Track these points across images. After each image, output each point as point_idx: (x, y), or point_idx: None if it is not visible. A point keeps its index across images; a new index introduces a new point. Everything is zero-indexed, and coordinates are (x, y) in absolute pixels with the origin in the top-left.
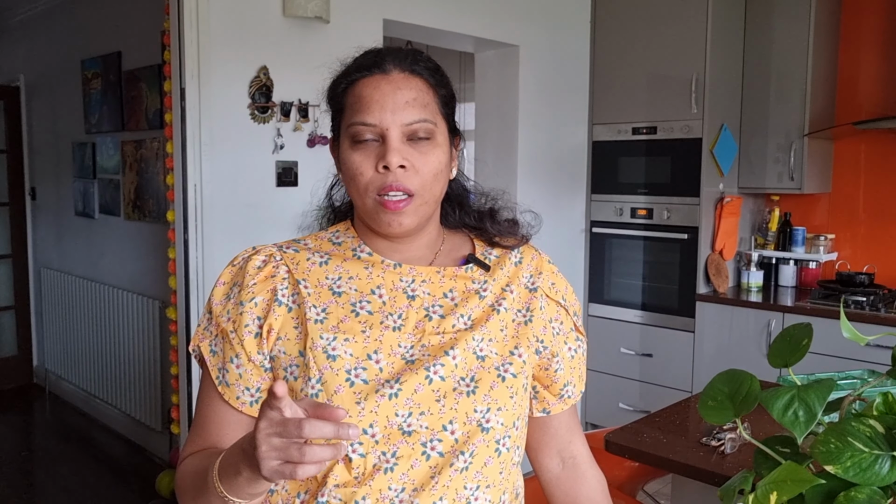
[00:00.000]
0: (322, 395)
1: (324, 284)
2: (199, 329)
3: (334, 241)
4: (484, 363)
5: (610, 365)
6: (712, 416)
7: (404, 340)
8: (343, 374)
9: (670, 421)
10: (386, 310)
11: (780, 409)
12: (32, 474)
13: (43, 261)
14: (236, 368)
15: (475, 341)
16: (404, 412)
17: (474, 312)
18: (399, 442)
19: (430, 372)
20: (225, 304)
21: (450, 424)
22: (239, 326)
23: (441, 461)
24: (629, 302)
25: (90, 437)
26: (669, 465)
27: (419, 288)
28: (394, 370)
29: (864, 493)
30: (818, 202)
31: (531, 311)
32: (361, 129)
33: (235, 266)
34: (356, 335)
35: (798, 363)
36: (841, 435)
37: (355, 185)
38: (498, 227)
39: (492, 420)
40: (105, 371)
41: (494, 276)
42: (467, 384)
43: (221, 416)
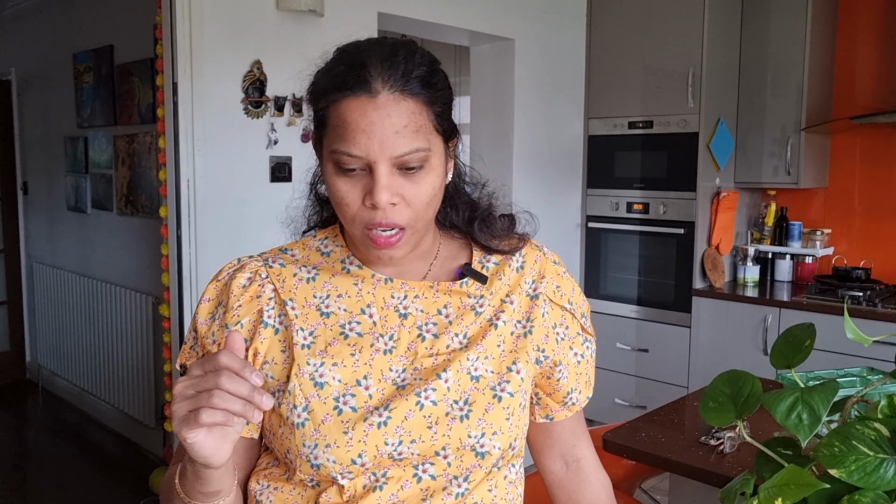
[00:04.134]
0: (309, 425)
1: (311, 304)
2: (186, 347)
3: (323, 251)
4: (478, 384)
5: (606, 360)
6: (714, 418)
7: (396, 364)
8: (331, 402)
9: (668, 419)
10: (377, 331)
11: (784, 412)
12: (25, 470)
13: (35, 256)
14: None
15: (469, 361)
16: (394, 440)
17: (470, 330)
18: (390, 465)
19: (420, 397)
20: (210, 324)
21: (442, 450)
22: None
23: (433, 484)
24: (625, 297)
25: (83, 434)
26: (668, 465)
27: (411, 305)
28: (383, 396)
29: (869, 497)
30: (814, 197)
31: (531, 320)
32: (346, 158)
33: (220, 282)
34: (345, 359)
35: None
36: (845, 438)
37: (340, 211)
38: (492, 231)
39: (486, 445)
40: (98, 367)
41: (492, 287)
42: (460, 408)
43: None
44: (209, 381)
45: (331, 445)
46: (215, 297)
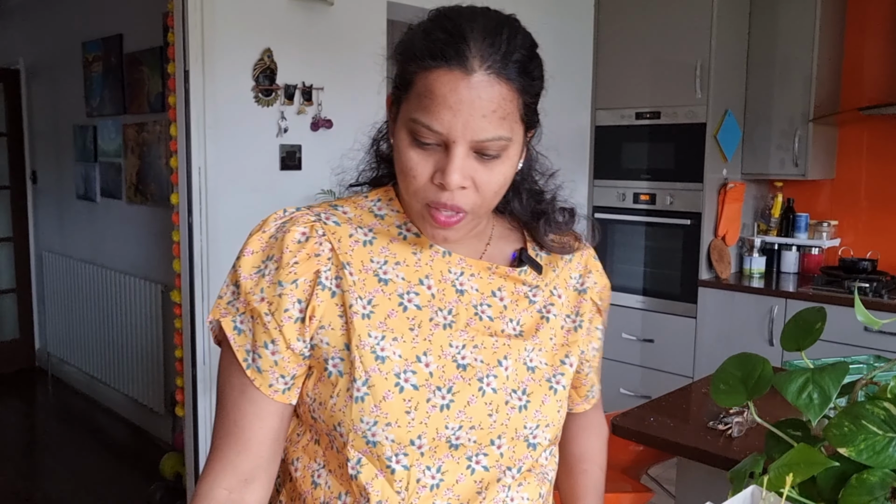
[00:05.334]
0: (369, 400)
1: (369, 269)
2: (222, 302)
3: (376, 213)
4: (534, 374)
5: (611, 350)
6: (724, 400)
7: (456, 339)
8: (392, 377)
9: (676, 405)
10: (435, 304)
11: (795, 392)
12: (36, 457)
13: (44, 244)
14: (271, 355)
15: (526, 351)
16: (455, 425)
17: (523, 318)
18: (445, 456)
19: (482, 383)
20: (258, 280)
21: (498, 440)
22: (277, 310)
23: (486, 476)
24: (631, 287)
25: (93, 421)
26: (676, 449)
27: (467, 282)
28: (444, 374)
29: (877, 476)
30: (821, 188)
31: (580, 315)
32: (424, 131)
33: (266, 233)
34: (404, 334)
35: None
36: (855, 418)
37: (405, 182)
38: (554, 229)
39: (539, 436)
40: (108, 354)
41: (546, 278)
42: (519, 397)
43: (258, 407)
44: None
45: (391, 424)
46: (262, 249)
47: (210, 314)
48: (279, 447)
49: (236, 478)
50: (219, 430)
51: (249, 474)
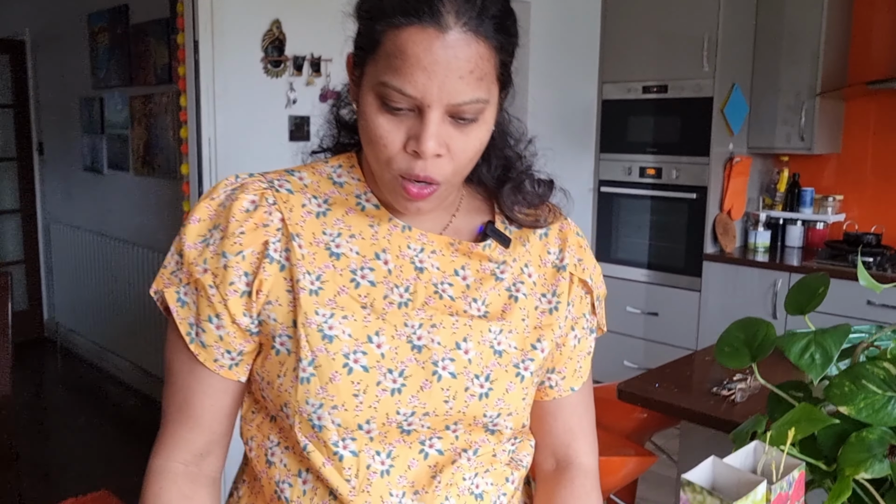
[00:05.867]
0: (315, 381)
1: (320, 242)
2: (165, 271)
3: (335, 181)
4: (501, 359)
5: (615, 323)
6: (729, 361)
7: (412, 318)
8: (340, 358)
9: (680, 372)
10: (391, 280)
11: (798, 353)
12: (47, 425)
13: (52, 216)
14: (216, 330)
15: (492, 333)
16: (406, 411)
17: (490, 297)
18: (396, 441)
19: (438, 367)
20: (202, 250)
21: (454, 425)
22: (221, 283)
23: (441, 459)
24: (636, 261)
25: (102, 390)
26: (680, 413)
27: (427, 260)
28: (397, 356)
29: (876, 434)
30: (827, 163)
31: (557, 295)
32: (395, 95)
33: (215, 201)
34: (355, 312)
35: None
36: (855, 378)
37: (374, 151)
38: (522, 199)
39: (500, 424)
40: (116, 324)
41: (515, 253)
42: (481, 384)
43: (206, 384)
44: None
45: (338, 407)
46: (208, 218)
47: (154, 284)
48: (231, 422)
49: (190, 453)
50: (169, 406)
51: (204, 449)
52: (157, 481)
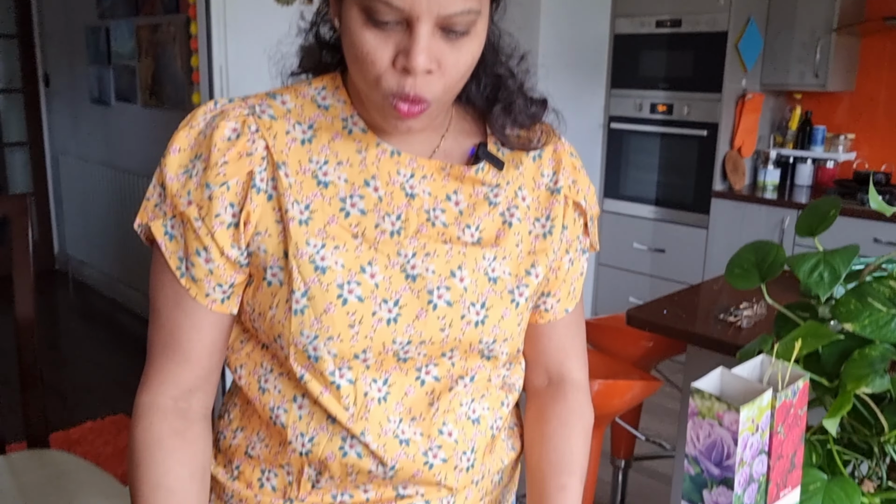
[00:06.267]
0: (309, 313)
1: (307, 170)
2: (149, 204)
3: (320, 104)
4: (496, 286)
5: (622, 260)
6: (739, 283)
7: (405, 247)
8: (334, 289)
9: (688, 300)
10: (382, 209)
11: (807, 272)
12: (61, 352)
13: (59, 148)
14: (205, 263)
15: (486, 260)
16: (403, 340)
17: (483, 223)
18: (392, 368)
19: (433, 296)
20: (184, 182)
21: (450, 352)
22: (207, 215)
23: (438, 386)
24: (644, 198)
25: (115, 320)
26: (687, 337)
27: (418, 185)
28: (391, 286)
29: (878, 350)
30: (840, 101)
31: (552, 219)
32: (382, 8)
33: (194, 129)
34: (347, 242)
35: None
36: (861, 296)
37: (361, 70)
38: (513, 120)
39: (496, 350)
40: (127, 255)
41: (508, 176)
42: (477, 311)
43: (195, 319)
44: None
45: (333, 338)
46: (189, 147)
47: (137, 217)
48: (221, 357)
49: (179, 389)
50: (155, 342)
51: (193, 385)
52: (146, 416)
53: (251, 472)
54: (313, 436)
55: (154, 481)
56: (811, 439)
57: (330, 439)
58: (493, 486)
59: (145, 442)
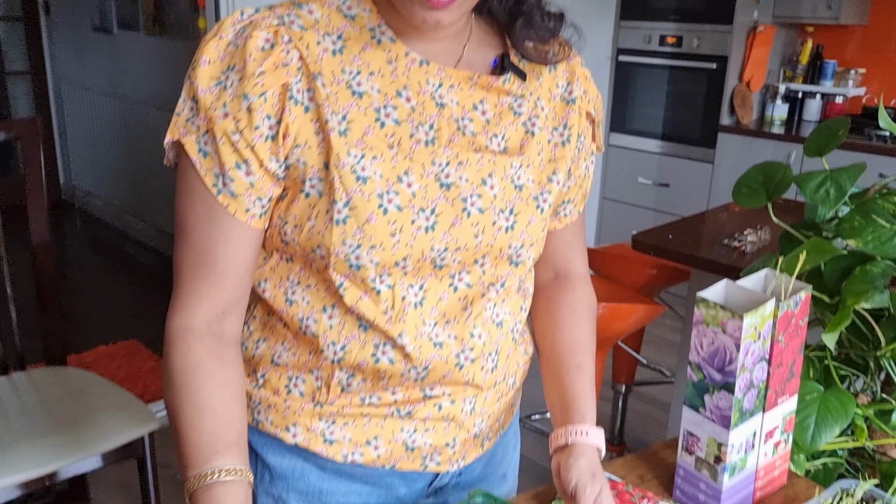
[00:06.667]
0: (351, 222)
1: (341, 81)
2: (180, 119)
3: (346, 13)
4: (521, 193)
5: (626, 194)
6: (746, 201)
7: (439, 157)
8: (374, 199)
9: (693, 226)
10: (415, 118)
11: (813, 188)
12: (71, 281)
13: (62, 77)
14: (245, 177)
15: (513, 168)
16: (440, 247)
17: (508, 132)
18: (428, 275)
19: (466, 204)
20: (219, 94)
21: (482, 259)
22: (246, 127)
23: (470, 292)
24: (650, 132)
25: (123, 251)
26: (692, 261)
27: (447, 95)
28: (427, 195)
29: (879, 267)
30: (852, 35)
31: (569, 128)
32: None
33: (224, 40)
34: (383, 152)
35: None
36: (865, 212)
37: None
38: (534, 35)
39: (523, 255)
40: (134, 186)
41: (531, 87)
42: (506, 217)
43: (230, 235)
44: None
45: (376, 247)
46: (220, 59)
47: (168, 134)
48: (251, 278)
49: (213, 311)
50: (186, 263)
51: (226, 307)
52: (183, 340)
53: (277, 379)
54: (345, 344)
55: (198, 405)
56: (809, 355)
57: (362, 346)
58: (508, 389)
59: (185, 366)
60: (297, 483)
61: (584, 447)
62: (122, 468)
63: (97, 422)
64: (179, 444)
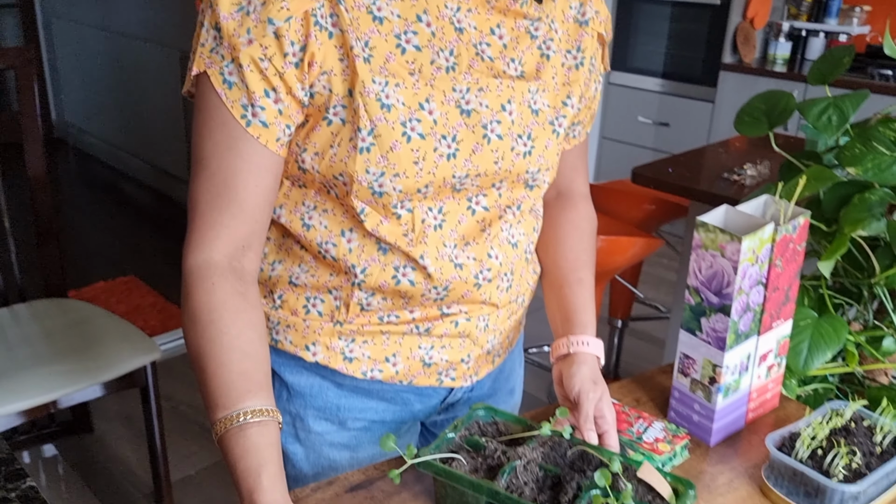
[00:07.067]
0: (375, 150)
1: (361, 6)
2: (204, 50)
3: None
4: (538, 118)
5: (626, 133)
6: (747, 130)
7: (459, 83)
8: (398, 127)
9: (693, 161)
10: (435, 44)
11: (816, 115)
12: (66, 217)
13: (51, 10)
14: (274, 104)
15: (531, 93)
16: (461, 174)
17: (525, 56)
18: (446, 198)
19: (487, 130)
20: (242, 20)
21: (499, 183)
22: (275, 54)
23: (487, 215)
24: (651, 70)
25: (118, 189)
26: (691, 194)
27: (465, 19)
28: (448, 122)
29: (878, 195)
30: None
31: (582, 51)
32: None
33: None
34: (405, 79)
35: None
36: (866, 140)
37: None
38: None
39: (539, 179)
40: (128, 123)
41: (547, 9)
42: (524, 143)
43: (251, 164)
44: None
45: (399, 175)
46: None
47: (194, 66)
48: (270, 212)
49: (233, 245)
50: (204, 195)
51: (246, 241)
52: (206, 277)
53: (295, 300)
54: (365, 267)
55: (227, 344)
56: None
57: (383, 269)
58: (518, 307)
59: (211, 304)
60: (315, 400)
61: (585, 356)
62: (124, 400)
63: (99, 351)
64: (206, 385)
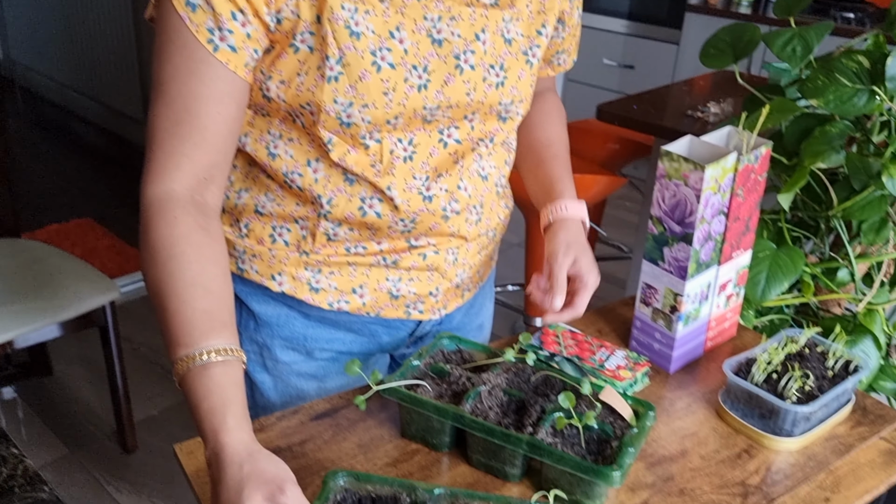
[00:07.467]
0: (343, 80)
1: None
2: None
3: None
4: (511, 47)
5: (589, 75)
6: (713, 62)
7: (431, 10)
8: (368, 56)
9: (658, 98)
10: None
11: (780, 45)
12: (16, 162)
13: None
14: (242, 27)
15: (504, 22)
16: (432, 105)
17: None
18: (417, 129)
19: (459, 61)
20: None
21: (471, 115)
22: None
23: (459, 148)
24: (615, 10)
25: (69, 130)
26: (655, 130)
27: None
28: (419, 51)
29: (838, 128)
30: None
31: None
32: None
33: None
34: (375, 6)
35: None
36: (829, 72)
37: None
38: None
39: (511, 111)
40: (78, 60)
41: None
42: (496, 73)
43: (213, 89)
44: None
45: (368, 106)
46: None
47: (176, 7)
48: (234, 143)
49: (195, 176)
50: (163, 121)
51: (208, 172)
52: (167, 210)
53: (261, 228)
54: (331, 197)
55: (189, 280)
56: (764, 217)
57: (349, 200)
58: (489, 241)
59: (172, 238)
60: (281, 329)
61: (565, 222)
62: (83, 343)
63: (55, 291)
64: (167, 323)
